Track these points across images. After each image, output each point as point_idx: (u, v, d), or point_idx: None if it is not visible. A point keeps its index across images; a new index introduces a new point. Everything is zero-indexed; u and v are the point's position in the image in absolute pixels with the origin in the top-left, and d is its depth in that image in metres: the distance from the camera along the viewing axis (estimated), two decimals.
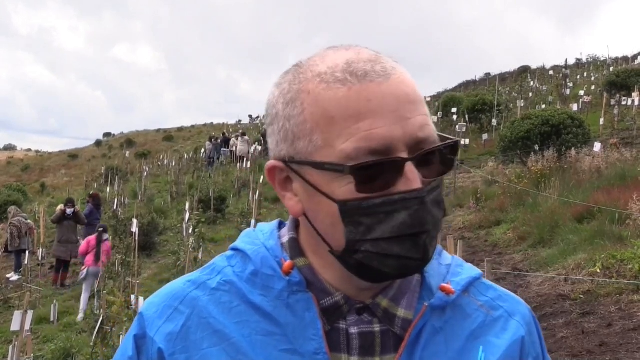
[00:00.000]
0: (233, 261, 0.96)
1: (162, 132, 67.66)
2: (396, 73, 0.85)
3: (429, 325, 0.90)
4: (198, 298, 0.92)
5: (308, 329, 0.87)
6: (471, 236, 11.79)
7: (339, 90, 0.82)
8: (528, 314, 1.01)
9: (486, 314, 0.96)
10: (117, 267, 11.95)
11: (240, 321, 0.89)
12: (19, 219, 14.66)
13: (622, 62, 41.02)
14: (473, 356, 0.91)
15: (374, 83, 0.82)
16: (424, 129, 0.84)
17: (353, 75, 0.82)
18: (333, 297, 0.90)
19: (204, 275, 0.96)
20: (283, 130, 0.87)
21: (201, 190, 19.20)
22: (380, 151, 0.80)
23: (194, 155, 36.33)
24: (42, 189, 36.87)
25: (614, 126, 20.00)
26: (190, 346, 0.89)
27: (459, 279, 0.96)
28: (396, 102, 0.82)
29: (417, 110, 0.84)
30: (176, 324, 0.91)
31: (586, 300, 7.09)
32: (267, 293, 0.90)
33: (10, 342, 6.34)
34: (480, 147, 22.23)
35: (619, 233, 8.57)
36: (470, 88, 48.18)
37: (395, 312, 0.90)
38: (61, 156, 61.36)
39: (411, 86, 0.85)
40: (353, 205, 0.82)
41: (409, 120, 0.82)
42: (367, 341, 0.89)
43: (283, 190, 0.91)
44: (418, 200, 0.81)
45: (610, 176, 11.55)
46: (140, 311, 0.96)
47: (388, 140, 0.80)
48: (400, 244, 0.81)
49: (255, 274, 0.92)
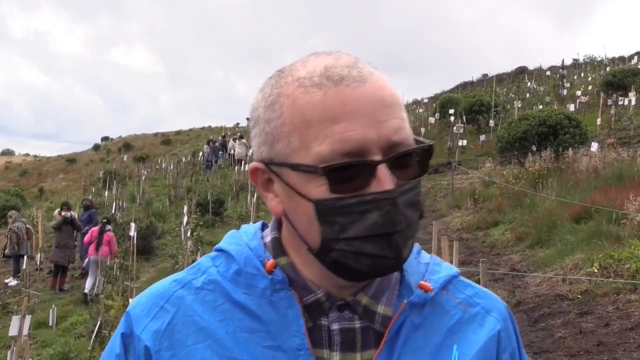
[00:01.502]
0: (217, 261, 0.98)
1: (160, 135, 67.58)
2: (373, 78, 0.87)
3: (408, 322, 0.93)
4: (183, 297, 0.95)
5: (291, 326, 0.89)
6: (469, 237, 11.81)
7: (316, 94, 0.85)
8: (504, 310, 1.03)
9: (464, 310, 0.98)
10: (116, 271, 11.96)
11: (225, 319, 0.91)
12: (19, 225, 14.65)
13: (619, 62, 41.13)
14: (451, 351, 0.94)
15: (349, 87, 0.84)
16: (399, 132, 0.85)
17: (330, 79, 0.85)
18: (315, 295, 0.92)
19: (189, 275, 0.98)
20: (264, 132, 0.90)
21: (199, 193, 19.21)
22: (353, 153, 0.82)
23: (192, 159, 36.30)
24: (40, 193, 36.81)
25: (611, 126, 20.04)
26: (176, 343, 0.91)
27: (437, 277, 0.99)
28: (371, 105, 0.84)
29: (392, 113, 0.86)
30: (162, 322, 0.93)
31: (584, 300, 7.11)
32: (251, 291, 0.92)
33: (9, 347, 6.34)
34: (478, 148, 22.26)
35: (616, 233, 8.59)
36: (467, 89, 48.22)
37: (376, 309, 0.93)
38: (59, 160, 61.26)
39: (387, 90, 0.87)
40: (327, 205, 0.84)
41: (384, 123, 0.84)
42: (348, 337, 0.91)
43: (265, 191, 0.94)
44: (389, 201, 0.83)
45: (607, 176, 11.56)
46: (127, 310, 0.98)
47: (361, 142, 0.83)
48: (373, 243, 0.84)
49: (239, 273, 0.94)
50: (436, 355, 0.93)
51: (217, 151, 32.35)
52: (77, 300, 12.13)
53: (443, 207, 15.10)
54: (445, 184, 17.35)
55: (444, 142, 22.19)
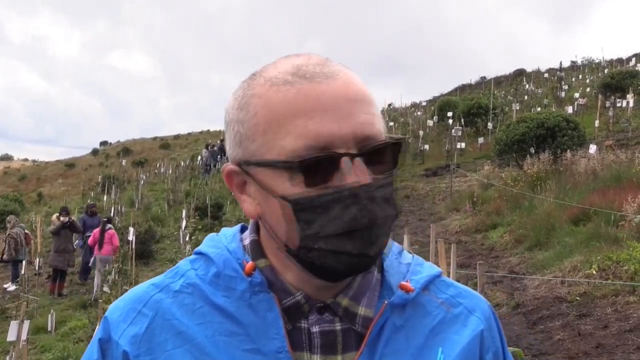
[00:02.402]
0: (196, 264, 0.97)
1: (158, 139, 67.64)
2: (343, 75, 0.87)
3: (389, 323, 0.92)
4: (161, 300, 0.94)
5: (270, 329, 0.88)
6: (468, 240, 11.81)
7: (288, 91, 0.85)
8: (487, 310, 1.02)
9: (446, 311, 0.97)
10: (114, 276, 11.94)
11: (204, 322, 0.91)
12: (17, 231, 14.63)
13: (617, 64, 41.17)
14: (433, 352, 0.93)
15: (320, 83, 0.85)
16: (367, 127, 0.85)
17: (301, 77, 0.86)
18: (294, 297, 0.91)
19: (167, 279, 0.97)
20: (237, 134, 0.90)
21: (198, 197, 19.21)
22: (321, 147, 0.82)
23: (191, 163, 36.33)
24: (39, 198, 36.81)
25: (609, 128, 20.08)
26: (155, 348, 0.90)
27: (419, 277, 0.98)
28: (339, 100, 0.84)
29: (361, 109, 0.86)
30: (140, 327, 0.92)
31: (582, 302, 7.11)
32: (230, 294, 0.92)
33: (8, 353, 6.33)
34: (476, 150, 22.29)
35: (614, 235, 8.60)
36: (465, 92, 48.28)
37: (356, 310, 0.91)
38: (58, 165, 61.28)
39: (357, 86, 0.88)
40: (303, 203, 0.84)
41: (351, 117, 0.84)
42: (329, 340, 0.90)
43: (240, 193, 0.94)
44: (367, 194, 0.83)
45: (605, 178, 11.58)
46: (105, 315, 0.97)
47: (328, 137, 0.83)
48: (351, 240, 0.83)
49: (218, 275, 0.94)
50: (418, 356, 0.92)
51: (215, 155, 32.35)
52: (76, 305, 12.11)
53: (442, 210, 15.11)
54: (444, 187, 17.36)
55: (442, 145, 22.20)
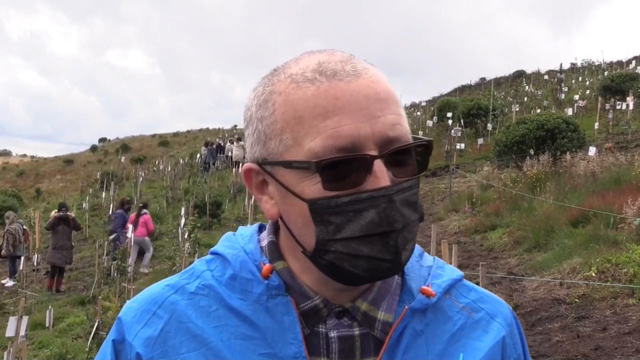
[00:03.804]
0: (212, 265, 0.95)
1: (157, 137, 67.55)
2: (367, 73, 0.84)
3: (409, 328, 0.89)
4: (177, 302, 0.92)
5: (287, 333, 0.86)
6: (467, 240, 11.81)
7: (308, 89, 0.82)
8: (509, 315, 0.99)
9: (467, 316, 0.94)
10: (113, 273, 11.94)
11: (219, 325, 0.89)
12: (16, 227, 14.61)
13: (617, 67, 41.18)
14: (454, 359, 0.90)
15: (342, 82, 0.82)
16: (395, 128, 0.83)
17: (322, 74, 0.83)
18: (312, 301, 0.89)
19: (182, 280, 0.95)
20: (256, 132, 0.88)
21: (197, 195, 19.17)
22: (347, 149, 0.80)
23: (190, 161, 36.28)
24: (37, 194, 36.77)
25: (608, 130, 20.09)
26: (169, 351, 0.88)
27: (440, 281, 0.95)
28: (365, 100, 0.81)
29: (388, 109, 0.83)
30: (154, 329, 0.90)
31: (581, 304, 7.11)
32: (246, 297, 0.89)
33: (6, 348, 6.32)
34: (476, 151, 22.29)
35: (614, 237, 8.60)
36: (465, 93, 48.29)
37: (375, 315, 0.89)
38: (56, 161, 61.19)
39: (383, 85, 0.84)
40: (321, 204, 0.81)
41: (379, 118, 0.81)
42: (347, 345, 0.88)
43: (259, 193, 0.91)
44: (386, 198, 0.80)
45: (605, 180, 11.59)
46: (118, 316, 0.95)
47: (355, 137, 0.80)
48: (370, 244, 0.80)
49: (234, 277, 0.91)
50: None
51: (214, 153, 32.34)
52: (74, 301, 12.09)
53: (441, 211, 15.11)
54: (443, 188, 17.36)
55: (442, 146, 22.19)
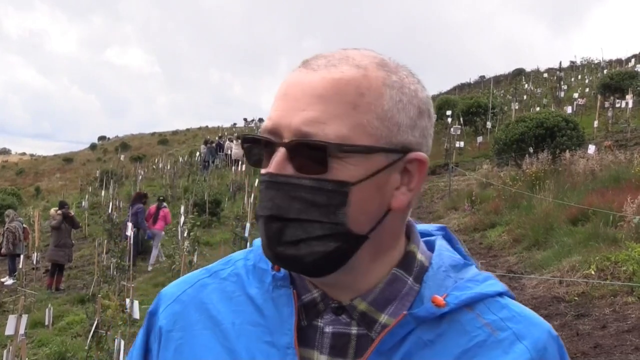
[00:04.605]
0: (250, 255, 1.02)
1: (157, 135, 67.61)
2: (332, 70, 0.85)
3: (414, 336, 0.87)
4: (206, 285, 1.00)
5: (285, 324, 0.90)
6: (466, 239, 11.81)
7: (287, 74, 0.90)
8: (543, 339, 0.90)
9: (490, 333, 0.88)
10: (112, 271, 11.94)
11: (237, 310, 0.95)
12: (15, 225, 14.61)
13: (616, 65, 41.19)
14: None
15: (297, 72, 0.88)
16: (312, 125, 0.82)
17: (301, 62, 0.89)
18: (311, 294, 0.92)
19: (219, 266, 1.04)
20: None
21: (196, 193, 19.18)
22: (270, 132, 0.86)
23: (189, 159, 36.28)
24: (36, 192, 36.80)
25: (607, 128, 20.08)
26: (187, 326, 0.96)
27: (461, 293, 0.90)
28: (300, 92, 0.85)
29: (316, 105, 0.83)
30: (180, 305, 0.99)
31: (581, 302, 7.12)
32: (261, 286, 0.95)
33: (5, 347, 6.32)
34: (475, 149, 22.29)
35: (613, 235, 8.60)
36: (464, 91, 48.32)
37: (377, 317, 0.89)
38: (56, 160, 61.24)
39: (331, 85, 0.83)
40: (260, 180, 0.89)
41: (302, 111, 0.83)
42: (340, 342, 0.88)
43: None
44: (265, 183, 0.85)
45: (604, 178, 11.59)
46: (160, 291, 1.05)
47: (277, 123, 0.85)
48: (260, 225, 0.87)
49: (255, 267, 0.98)
50: None
51: (214, 151, 32.34)
52: (73, 299, 12.10)
53: (440, 209, 15.11)
54: (443, 186, 17.35)
55: (441, 144, 22.20)
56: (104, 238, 15.22)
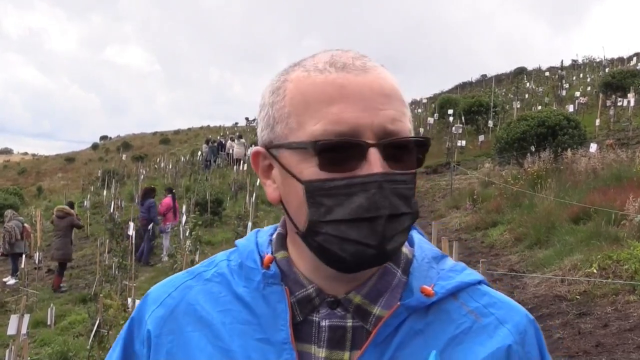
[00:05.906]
0: (232, 256, 1.03)
1: (158, 135, 67.61)
2: (376, 70, 0.89)
3: (406, 326, 0.90)
4: (191, 287, 1.00)
5: (279, 320, 0.91)
6: (468, 237, 11.81)
7: (317, 77, 0.88)
8: (523, 323, 0.95)
9: (474, 320, 0.93)
10: (114, 271, 11.95)
11: (224, 310, 0.95)
12: (13, 224, 14.59)
13: (618, 63, 41.11)
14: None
15: (350, 74, 0.87)
16: (395, 123, 0.87)
17: (333, 66, 0.88)
18: (306, 289, 0.93)
19: (202, 267, 1.04)
20: (267, 116, 0.93)
21: (198, 193, 19.18)
22: (346, 134, 0.84)
23: (191, 158, 36.29)
24: (38, 192, 36.81)
25: (609, 127, 20.06)
26: (176, 329, 0.97)
27: (446, 282, 0.94)
28: (369, 92, 0.86)
29: (390, 104, 0.87)
30: (166, 309, 0.99)
31: (582, 300, 7.11)
32: (249, 284, 0.96)
33: (7, 346, 6.33)
34: (477, 148, 22.27)
35: (615, 234, 8.60)
36: (466, 89, 48.32)
37: (371, 310, 0.91)
38: (58, 159, 61.29)
39: (389, 82, 0.89)
40: (315, 186, 0.85)
41: (380, 111, 0.85)
42: (337, 335, 0.91)
43: (265, 177, 0.97)
44: (376, 184, 0.83)
45: (606, 177, 11.57)
46: (144, 296, 1.05)
47: (355, 125, 0.84)
48: (357, 228, 0.83)
49: (241, 266, 0.99)
50: None
51: (215, 151, 32.34)
52: (75, 299, 12.11)
53: (442, 208, 15.11)
54: (444, 185, 17.36)
55: (442, 143, 22.18)
56: (105, 237, 15.23)
